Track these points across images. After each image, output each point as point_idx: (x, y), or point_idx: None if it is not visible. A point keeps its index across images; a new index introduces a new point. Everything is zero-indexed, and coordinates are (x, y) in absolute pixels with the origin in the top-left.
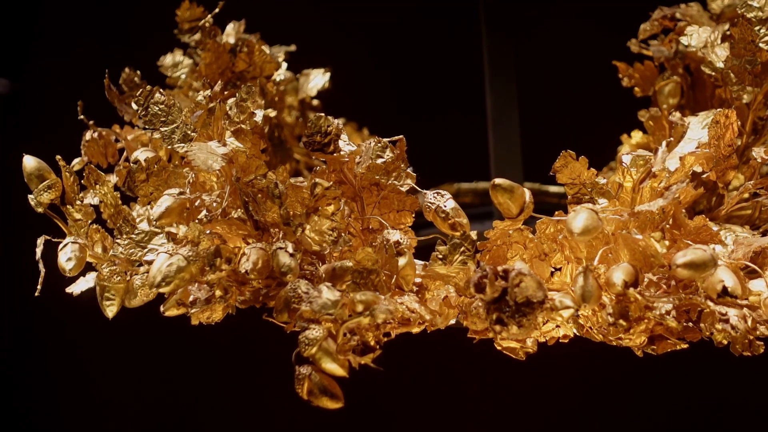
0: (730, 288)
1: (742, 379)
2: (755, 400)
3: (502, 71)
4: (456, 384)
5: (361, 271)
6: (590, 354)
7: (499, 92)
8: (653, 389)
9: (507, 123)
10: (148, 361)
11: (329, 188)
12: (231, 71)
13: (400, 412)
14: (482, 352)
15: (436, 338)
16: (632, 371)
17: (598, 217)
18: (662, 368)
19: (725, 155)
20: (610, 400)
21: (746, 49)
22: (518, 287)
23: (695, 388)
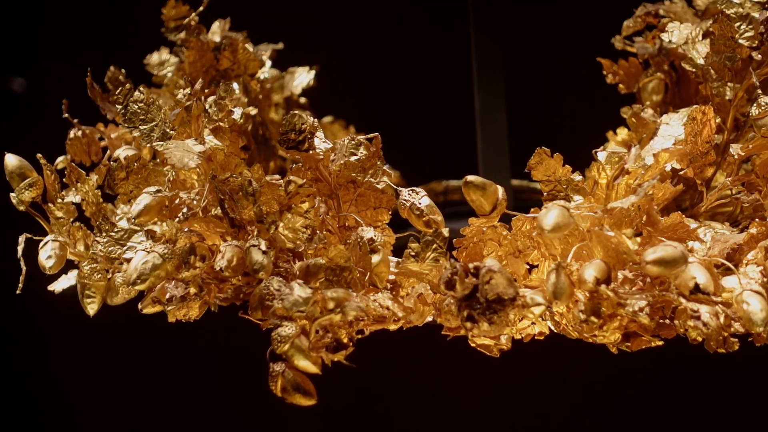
0: (702, 285)
1: (728, 377)
2: (743, 397)
3: (490, 69)
4: (442, 381)
5: (334, 269)
6: (576, 350)
7: (487, 90)
8: (638, 386)
9: (495, 121)
10: (137, 358)
11: (303, 185)
12: (215, 69)
13: (392, 409)
14: (465, 349)
15: (421, 336)
16: (613, 367)
17: (570, 214)
18: (644, 365)
19: (703, 152)
20: (594, 395)
21: (726, 45)
22: (488, 284)
23: (681, 384)
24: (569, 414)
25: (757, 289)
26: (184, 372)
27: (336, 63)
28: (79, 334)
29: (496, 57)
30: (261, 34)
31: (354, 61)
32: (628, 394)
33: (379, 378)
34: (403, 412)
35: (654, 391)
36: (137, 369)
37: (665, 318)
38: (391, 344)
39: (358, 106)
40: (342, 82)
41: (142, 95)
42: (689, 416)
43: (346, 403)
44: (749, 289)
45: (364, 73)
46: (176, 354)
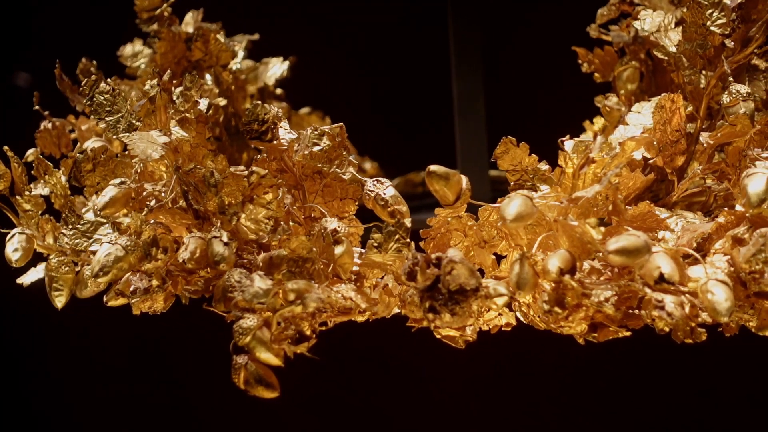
0: (666, 274)
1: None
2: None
3: (469, 60)
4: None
5: (296, 260)
6: (558, 341)
7: (465, 81)
8: (612, 377)
9: (473, 111)
10: (118, 350)
11: (265, 176)
12: (187, 60)
13: (375, 397)
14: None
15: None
16: (595, 355)
17: (533, 203)
18: (621, 356)
19: (673, 140)
20: (576, 385)
21: (697, 32)
22: (450, 275)
23: (656, 374)
24: (550, 404)
25: (722, 279)
26: (168, 366)
27: (314, 54)
28: (60, 328)
29: (475, 48)
30: (239, 25)
31: (332, 53)
32: (602, 384)
33: (362, 368)
34: (389, 401)
35: (629, 381)
36: (119, 361)
37: (633, 308)
38: (371, 335)
39: (337, 97)
40: (320, 74)
41: (108, 86)
42: (664, 406)
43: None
44: (714, 278)
45: (343, 64)
46: (156, 348)
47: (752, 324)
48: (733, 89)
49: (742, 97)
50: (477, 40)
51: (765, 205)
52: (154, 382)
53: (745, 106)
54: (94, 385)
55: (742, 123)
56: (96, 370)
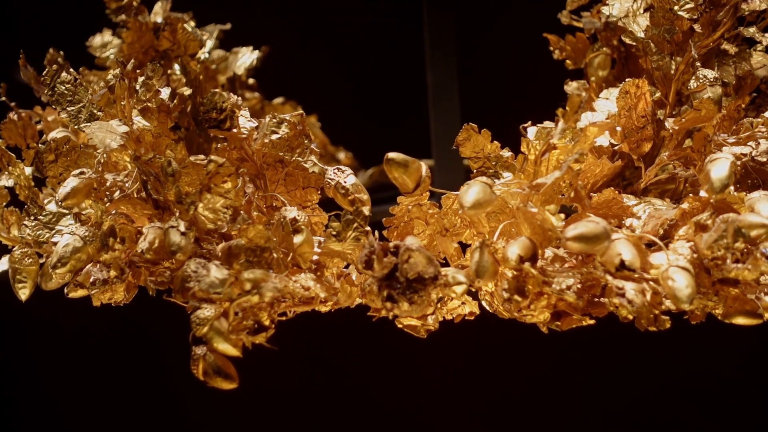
0: (627, 261)
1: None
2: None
3: (443, 49)
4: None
5: (254, 249)
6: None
7: (439, 69)
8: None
9: (447, 100)
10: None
11: (223, 165)
12: (155, 50)
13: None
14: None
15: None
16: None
17: (492, 190)
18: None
19: (639, 126)
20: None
21: (665, 17)
22: (408, 263)
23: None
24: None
25: (684, 265)
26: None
27: (288, 44)
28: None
29: (449, 36)
30: (214, 15)
31: (307, 42)
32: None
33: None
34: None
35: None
36: (103, 353)
37: (597, 296)
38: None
39: (311, 87)
40: (294, 63)
41: (70, 76)
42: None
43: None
44: (676, 265)
45: (317, 54)
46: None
47: (718, 311)
48: (700, 74)
49: (709, 82)
50: (451, 28)
51: (728, 191)
52: (137, 373)
53: (712, 92)
54: (75, 379)
55: (706, 108)
56: (78, 362)
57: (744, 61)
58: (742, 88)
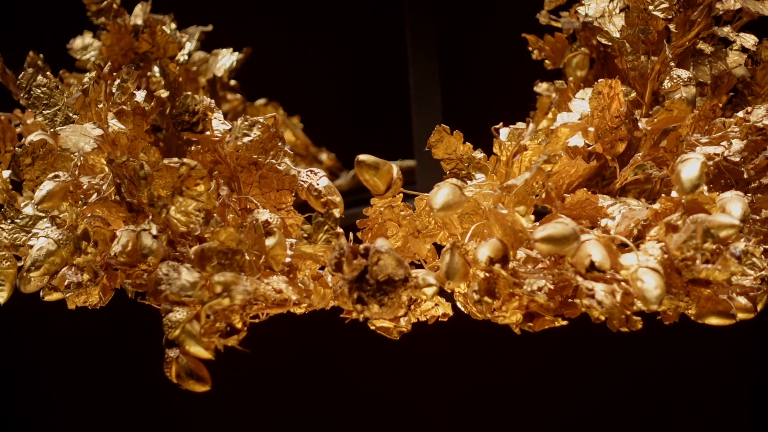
0: (597, 262)
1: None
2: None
3: (424, 50)
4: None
5: (226, 252)
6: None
7: (421, 71)
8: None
9: (429, 101)
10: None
11: (195, 168)
12: (134, 52)
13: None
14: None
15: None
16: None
17: (462, 192)
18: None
19: (612, 127)
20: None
21: (640, 17)
22: (377, 265)
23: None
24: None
25: (653, 266)
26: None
27: (271, 45)
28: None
29: (430, 38)
30: (194, 16)
31: (289, 43)
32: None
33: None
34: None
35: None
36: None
37: (570, 297)
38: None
39: (294, 88)
40: (277, 64)
41: (46, 79)
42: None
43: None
44: (645, 266)
45: (300, 55)
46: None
47: (691, 312)
48: (674, 74)
49: (683, 82)
50: (432, 30)
51: (699, 191)
52: (128, 372)
53: (686, 91)
54: (67, 378)
55: (678, 108)
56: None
57: (720, 61)
58: (719, 87)
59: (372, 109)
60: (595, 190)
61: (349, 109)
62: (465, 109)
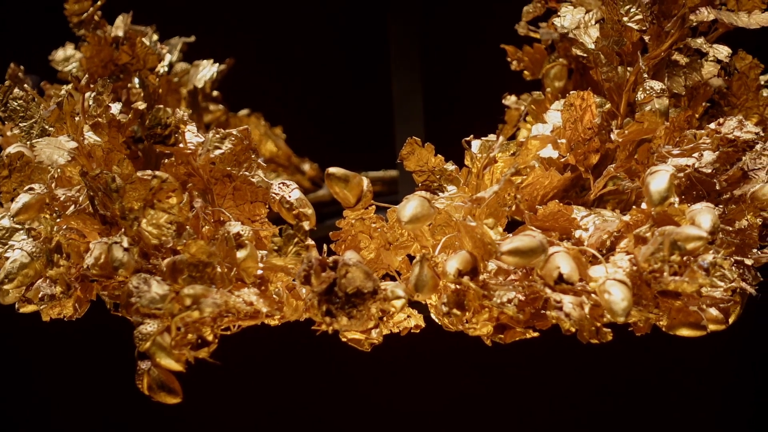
0: (565, 275)
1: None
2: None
3: (407, 60)
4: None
5: (197, 264)
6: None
7: (403, 80)
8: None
9: (411, 111)
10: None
11: (166, 180)
12: (114, 64)
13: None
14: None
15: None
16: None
17: (431, 205)
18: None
19: (585, 138)
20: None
21: (614, 29)
22: (345, 278)
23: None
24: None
25: (620, 278)
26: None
27: (255, 55)
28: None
29: (413, 48)
30: (177, 27)
31: (272, 54)
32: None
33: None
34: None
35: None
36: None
37: (542, 309)
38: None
39: (277, 99)
40: (261, 75)
41: (22, 92)
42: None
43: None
44: (613, 278)
45: (284, 66)
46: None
47: (662, 323)
48: (647, 86)
49: (656, 93)
50: (415, 40)
51: (668, 203)
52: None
53: (659, 103)
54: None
55: (649, 120)
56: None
57: (695, 72)
58: (695, 98)
59: (355, 119)
60: (570, 201)
61: (333, 119)
62: (447, 120)
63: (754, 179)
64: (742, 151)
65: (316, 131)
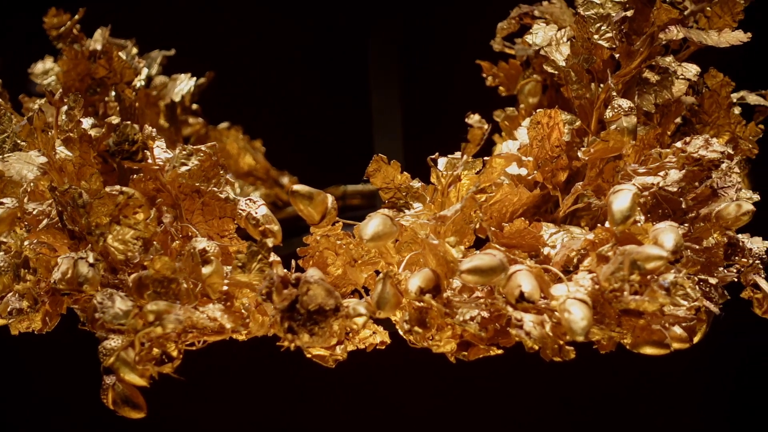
0: (526, 293)
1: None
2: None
3: (386, 74)
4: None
5: (161, 280)
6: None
7: (383, 95)
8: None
9: (390, 127)
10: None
11: (132, 196)
12: (91, 78)
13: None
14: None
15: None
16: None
17: (393, 223)
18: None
19: (553, 156)
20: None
21: (584, 46)
22: (307, 295)
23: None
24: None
25: (581, 297)
26: None
27: (236, 69)
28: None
29: (393, 63)
30: (157, 40)
31: (252, 67)
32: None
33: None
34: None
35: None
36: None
37: (506, 326)
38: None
39: (257, 112)
40: (241, 89)
41: None
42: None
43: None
44: (573, 297)
45: (264, 79)
46: None
47: (626, 341)
48: (616, 104)
49: (624, 111)
50: (394, 55)
51: (629, 222)
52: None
53: (627, 121)
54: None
55: (614, 139)
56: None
57: (665, 90)
58: (667, 116)
59: (335, 133)
60: (539, 218)
61: (313, 133)
62: (426, 135)
63: (723, 197)
64: (708, 170)
65: (297, 145)
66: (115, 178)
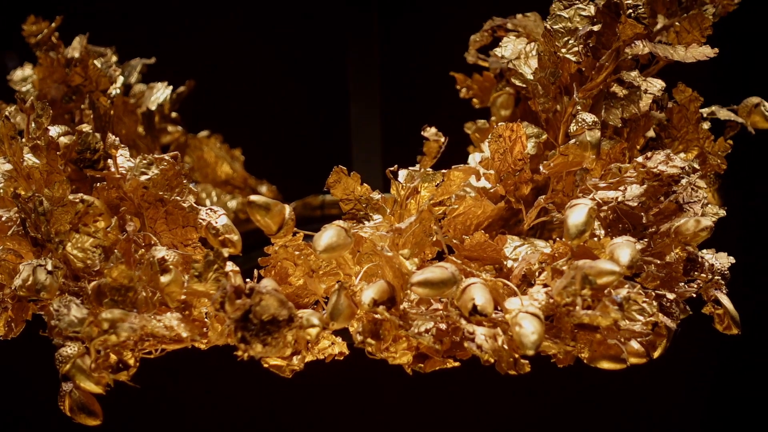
0: (479, 306)
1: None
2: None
3: (365, 83)
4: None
5: (119, 289)
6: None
7: (361, 104)
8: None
9: (369, 135)
10: None
11: (92, 205)
12: (67, 85)
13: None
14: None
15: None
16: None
17: (347, 234)
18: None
19: (516, 169)
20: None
21: (551, 60)
22: (259, 305)
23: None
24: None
25: (533, 311)
26: None
27: (216, 77)
28: None
29: (372, 73)
30: (139, 47)
31: (234, 76)
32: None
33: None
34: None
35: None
36: None
37: (463, 339)
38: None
39: (237, 120)
40: (221, 96)
41: None
42: None
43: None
44: (525, 311)
45: (243, 87)
46: None
47: (584, 355)
48: (579, 118)
49: (588, 125)
50: (374, 65)
51: (584, 237)
52: None
53: (590, 135)
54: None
55: (573, 153)
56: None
57: (633, 104)
58: (635, 130)
59: (314, 143)
60: (505, 231)
61: (292, 142)
62: (404, 145)
63: (688, 212)
64: (668, 185)
65: (276, 154)
66: (88, 186)
